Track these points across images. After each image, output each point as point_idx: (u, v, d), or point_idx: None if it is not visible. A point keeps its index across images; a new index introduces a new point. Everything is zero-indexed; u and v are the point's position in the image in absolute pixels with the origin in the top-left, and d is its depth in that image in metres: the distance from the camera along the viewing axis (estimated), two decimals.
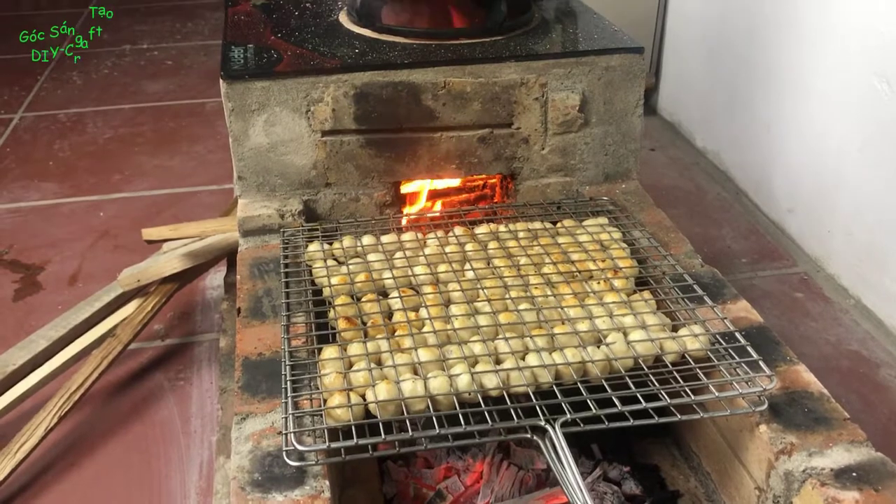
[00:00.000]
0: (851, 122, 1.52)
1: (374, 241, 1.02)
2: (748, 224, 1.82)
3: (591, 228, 1.05)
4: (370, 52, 1.13)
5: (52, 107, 2.46)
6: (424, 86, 1.10)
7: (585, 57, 1.14)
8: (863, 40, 1.47)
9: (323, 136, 1.11)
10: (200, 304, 1.59)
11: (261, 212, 1.10)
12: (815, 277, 1.64)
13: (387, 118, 1.11)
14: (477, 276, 0.94)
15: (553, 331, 0.84)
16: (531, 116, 1.15)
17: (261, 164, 1.12)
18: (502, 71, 1.12)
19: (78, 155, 2.16)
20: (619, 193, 1.19)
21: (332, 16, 1.28)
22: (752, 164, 1.89)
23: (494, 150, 1.17)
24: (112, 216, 1.88)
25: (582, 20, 1.28)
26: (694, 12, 2.10)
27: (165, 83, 2.62)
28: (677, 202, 1.92)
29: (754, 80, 1.84)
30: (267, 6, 1.33)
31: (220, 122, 2.33)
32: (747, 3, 1.83)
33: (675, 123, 2.26)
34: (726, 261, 1.70)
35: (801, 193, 1.71)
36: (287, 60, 1.10)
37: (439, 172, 1.17)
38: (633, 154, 1.22)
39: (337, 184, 1.15)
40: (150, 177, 2.05)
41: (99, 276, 1.66)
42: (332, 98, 1.09)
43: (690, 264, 1.03)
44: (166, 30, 3.13)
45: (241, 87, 1.07)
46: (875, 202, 1.49)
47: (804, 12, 1.63)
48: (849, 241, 1.57)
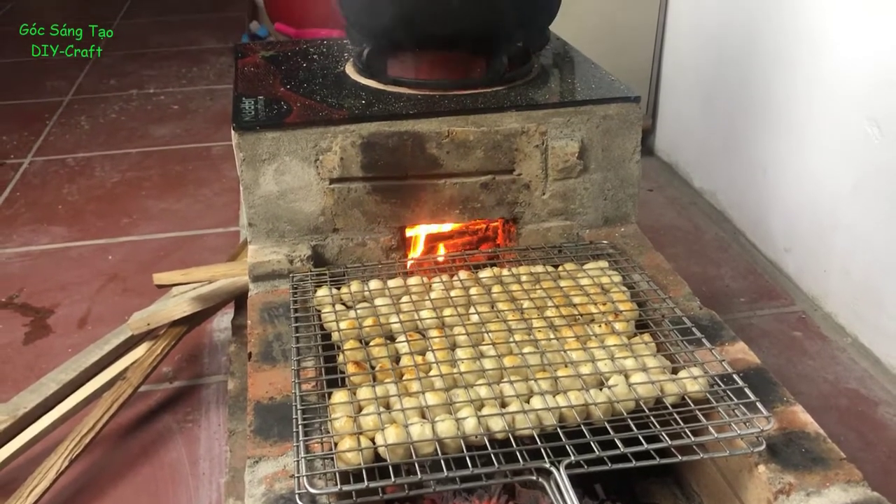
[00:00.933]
0: (845, 164, 1.56)
1: (381, 285, 1.05)
2: (746, 263, 1.85)
3: (592, 272, 1.08)
4: (376, 103, 1.17)
5: (61, 151, 2.50)
6: (429, 135, 1.14)
7: (584, 106, 1.18)
8: (853, 85, 1.52)
9: (331, 184, 1.15)
10: (208, 346, 1.62)
11: (270, 257, 1.13)
12: (813, 316, 1.67)
13: (392, 166, 1.15)
14: (482, 319, 0.97)
15: (556, 374, 0.86)
16: (532, 163, 1.19)
17: (271, 211, 1.15)
18: (504, 120, 1.16)
19: (86, 199, 2.20)
20: (619, 237, 1.23)
21: (339, 67, 1.32)
22: (749, 204, 1.93)
23: (497, 195, 1.20)
24: (120, 259, 1.91)
25: (580, 70, 1.32)
26: (689, 58, 2.16)
27: (172, 127, 2.67)
28: (676, 242, 1.96)
29: (749, 123, 1.88)
30: (275, 58, 1.38)
31: (225, 166, 2.38)
32: (740, 49, 1.88)
33: (673, 164, 2.30)
34: (725, 300, 1.73)
35: (797, 233, 1.75)
36: (296, 111, 1.14)
37: (443, 217, 1.21)
38: (631, 199, 1.25)
39: (344, 229, 1.18)
40: (157, 220, 2.09)
41: (108, 318, 1.68)
42: (340, 147, 1.12)
43: (689, 307, 1.06)
44: (173, 74, 3.19)
45: (252, 137, 1.11)
46: (869, 241, 1.52)
47: (796, 58, 1.68)
48: (845, 279, 1.60)
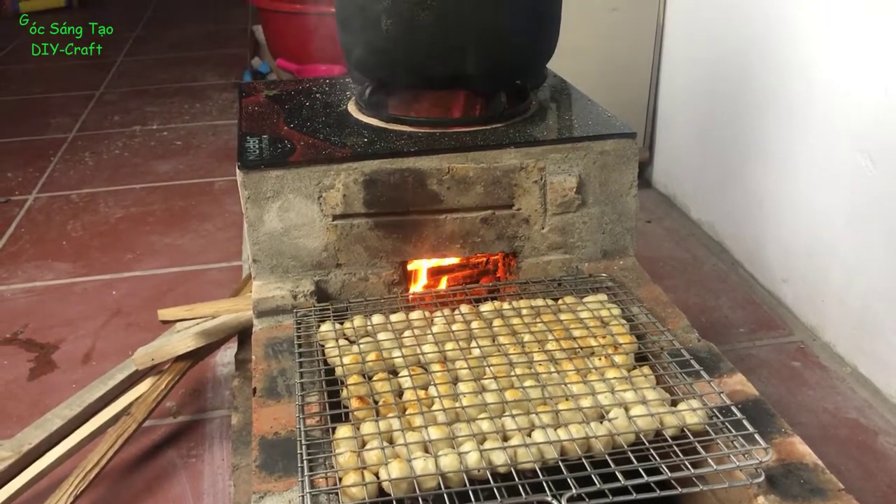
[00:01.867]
0: (839, 195, 1.59)
1: (383, 320, 1.07)
2: (744, 294, 1.87)
3: (592, 305, 1.10)
4: (378, 141, 1.20)
5: (65, 187, 2.53)
6: (430, 172, 1.17)
7: (581, 142, 1.20)
8: (846, 119, 1.55)
9: (334, 220, 1.17)
10: (211, 381, 1.63)
11: (274, 293, 1.15)
12: (812, 346, 1.68)
13: (394, 202, 1.17)
14: (483, 353, 0.98)
15: (558, 407, 0.88)
16: (531, 198, 1.21)
17: (274, 247, 1.17)
18: (503, 156, 1.19)
19: (90, 234, 2.22)
20: (618, 270, 1.24)
21: (342, 105, 1.35)
22: (746, 235, 1.95)
23: (497, 230, 1.22)
24: (124, 295, 1.93)
25: (577, 106, 1.35)
26: (684, 91, 2.19)
27: (175, 163, 2.70)
28: (675, 273, 1.98)
29: (744, 155, 1.91)
30: (279, 96, 1.41)
31: (228, 201, 2.41)
32: (734, 83, 1.92)
33: (671, 196, 2.33)
34: (724, 331, 1.74)
35: (794, 264, 1.76)
36: (300, 150, 1.17)
37: (444, 252, 1.22)
38: (629, 232, 1.27)
39: (347, 264, 1.20)
40: (160, 255, 2.11)
41: (112, 354, 1.69)
42: (343, 185, 1.15)
43: (687, 339, 1.08)
44: (175, 110, 3.23)
45: (256, 176, 1.13)
46: (865, 272, 1.54)
47: (790, 92, 1.71)
48: (842, 309, 1.61)
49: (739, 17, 1.87)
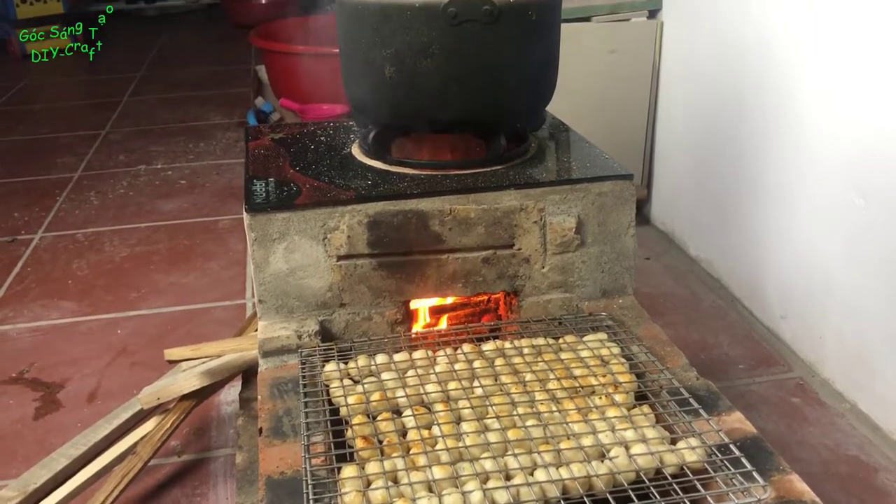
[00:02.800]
0: (835, 233, 1.61)
1: (387, 359, 1.09)
2: (744, 331, 1.89)
3: (592, 344, 1.12)
4: (382, 184, 1.22)
5: (71, 227, 2.56)
6: (432, 213, 1.19)
7: (579, 184, 1.23)
8: (838, 158, 1.58)
9: (338, 261, 1.19)
10: (215, 419, 1.64)
11: (280, 333, 1.17)
12: (811, 382, 1.69)
13: (397, 243, 1.20)
14: (485, 392, 1.00)
15: (559, 446, 0.89)
16: (531, 238, 1.23)
17: (280, 288, 1.20)
18: (503, 198, 1.21)
19: (95, 273, 2.25)
20: (617, 308, 1.26)
21: (346, 149, 1.38)
22: (745, 272, 1.97)
23: (498, 269, 1.24)
24: (129, 333, 1.95)
25: (574, 148, 1.38)
26: (680, 129, 2.23)
27: (180, 202, 2.74)
28: (674, 309, 1.99)
29: (740, 193, 1.94)
30: (284, 140, 1.44)
31: (232, 239, 2.43)
32: (729, 122, 1.95)
33: (669, 233, 2.36)
34: (724, 368, 1.76)
35: (792, 301, 1.78)
36: (305, 193, 1.20)
37: (447, 291, 1.25)
38: (627, 271, 1.29)
39: (351, 304, 1.22)
40: (165, 294, 2.13)
41: (117, 393, 1.71)
42: (348, 226, 1.17)
43: (686, 377, 1.09)
44: (180, 150, 3.28)
45: (263, 218, 1.16)
46: (862, 308, 1.56)
47: (784, 132, 1.74)
48: (840, 346, 1.63)
49: (733, 58, 1.91)
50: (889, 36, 1.42)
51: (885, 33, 1.43)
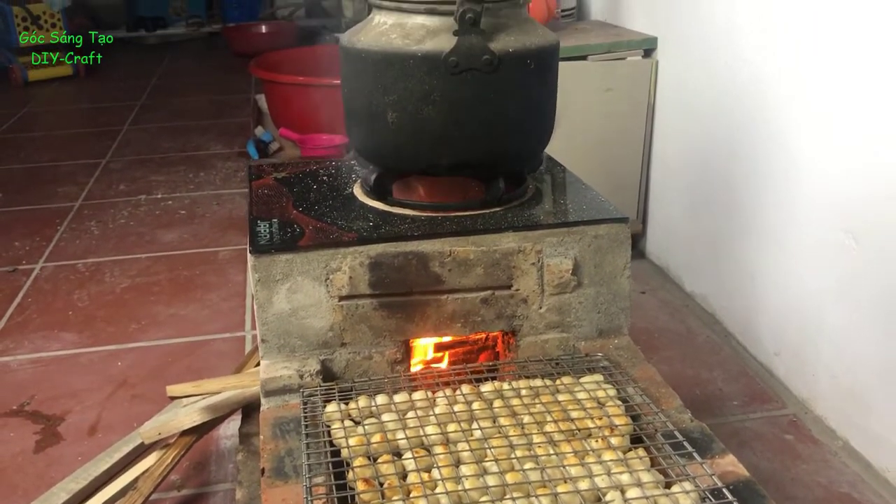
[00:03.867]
0: (827, 272, 1.64)
1: (387, 400, 1.11)
2: (738, 367, 1.91)
3: (589, 385, 1.14)
4: (383, 225, 1.25)
5: (72, 256, 2.58)
6: (432, 254, 1.22)
7: (576, 227, 1.26)
8: (830, 198, 1.61)
9: (340, 301, 1.22)
10: (215, 453, 1.65)
11: (282, 373, 1.19)
12: (804, 419, 1.71)
13: (398, 283, 1.22)
14: (484, 435, 1.02)
15: (556, 490, 0.91)
16: (529, 279, 1.26)
17: (282, 327, 1.22)
18: (502, 240, 1.24)
19: (96, 305, 2.26)
20: (613, 349, 1.29)
21: (347, 188, 1.41)
22: (738, 308, 2.00)
23: (496, 309, 1.27)
24: (129, 366, 1.96)
25: (571, 190, 1.41)
26: (675, 165, 2.27)
27: (180, 232, 2.76)
28: (670, 345, 2.02)
29: (734, 230, 1.97)
30: (287, 179, 1.47)
31: (232, 270, 2.46)
32: (723, 160, 1.99)
33: (664, 267, 2.39)
34: (719, 404, 1.78)
35: (785, 337, 1.81)
36: (308, 234, 1.22)
37: (446, 331, 1.27)
38: (623, 312, 1.32)
39: (352, 343, 1.24)
40: (165, 326, 2.15)
41: (118, 426, 1.72)
42: (350, 267, 1.20)
43: (681, 419, 1.11)
44: (180, 179, 3.31)
45: (267, 259, 1.18)
46: (854, 346, 1.58)
47: (776, 171, 1.78)
48: (833, 383, 1.66)
49: (727, 97, 1.95)
50: (878, 79, 1.46)
51: (873, 75, 1.47)
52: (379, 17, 1.25)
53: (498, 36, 1.20)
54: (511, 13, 1.24)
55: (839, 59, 1.56)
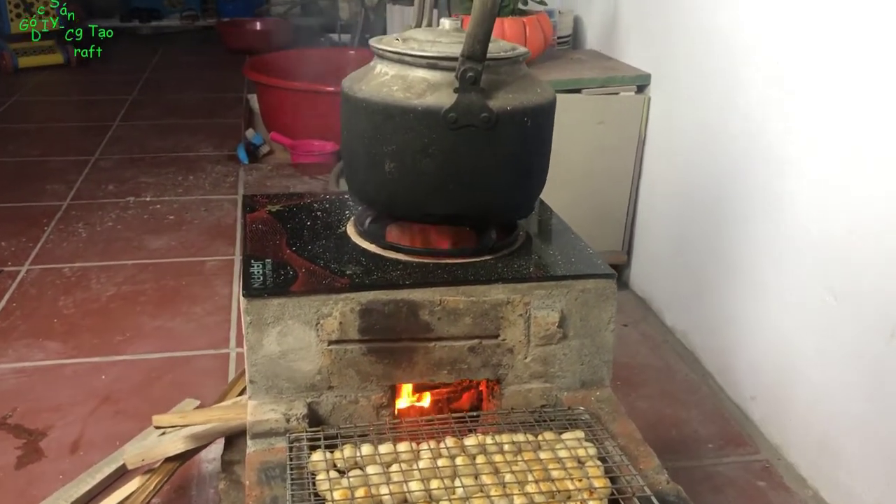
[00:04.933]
0: (806, 325, 1.68)
1: (372, 450, 1.13)
2: (714, 407, 1.95)
3: (570, 443, 1.16)
4: (375, 271, 1.27)
5: (58, 260, 2.58)
6: (423, 303, 1.24)
7: (564, 281, 1.29)
8: (811, 254, 1.65)
9: (329, 345, 1.24)
10: (196, 477, 1.67)
11: (269, 416, 1.21)
12: (776, 465, 1.75)
13: (387, 330, 1.24)
14: (466, 493, 1.04)
15: None
16: (516, 330, 1.28)
17: (271, 369, 1.24)
18: (491, 291, 1.26)
19: (82, 313, 2.27)
20: (594, 401, 1.31)
21: (341, 227, 1.43)
22: (717, 348, 2.03)
23: (482, 358, 1.29)
24: (113, 379, 1.97)
25: (561, 240, 1.43)
26: (662, 200, 2.30)
27: (167, 239, 2.77)
28: (650, 381, 2.05)
29: (717, 272, 2.01)
30: (282, 213, 1.48)
31: (218, 283, 2.47)
32: (709, 203, 2.03)
33: (647, 300, 2.42)
34: (694, 446, 1.81)
35: (762, 382, 1.85)
36: (301, 278, 1.24)
37: (432, 377, 1.29)
38: (606, 364, 1.35)
39: (339, 387, 1.26)
40: (150, 338, 2.15)
41: (100, 443, 1.73)
42: (340, 313, 1.22)
43: (657, 480, 1.14)
44: (169, 182, 3.30)
45: (259, 303, 1.20)
46: (828, 400, 1.62)
47: (760, 221, 1.81)
48: (806, 433, 1.69)
49: (716, 141, 1.99)
50: (865, 144, 1.50)
51: (862, 138, 1.51)
52: (381, 66, 1.27)
53: (496, 93, 1.22)
54: (510, 70, 1.27)
55: (831, 116, 1.59)
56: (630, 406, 1.94)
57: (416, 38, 1.26)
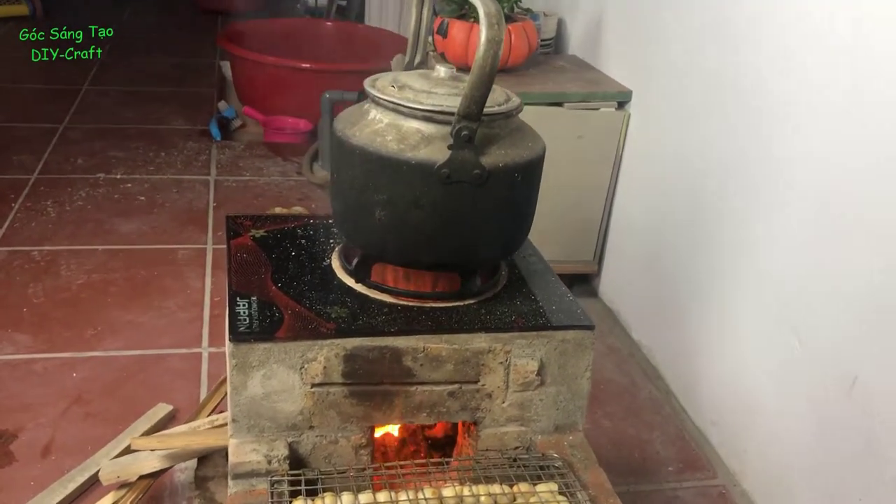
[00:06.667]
0: (769, 361, 1.74)
1: (352, 500, 1.16)
2: (676, 429, 2.01)
3: (544, 495, 1.21)
4: (361, 315, 1.29)
5: (27, 242, 2.54)
6: (406, 350, 1.26)
7: (545, 331, 1.32)
8: (777, 293, 1.70)
9: (312, 388, 1.26)
10: (168, 487, 1.68)
11: (251, 457, 1.23)
12: (732, 492, 1.83)
13: (370, 374, 1.26)
14: None
15: None
16: (496, 377, 1.32)
17: (254, 409, 1.25)
18: (474, 339, 1.29)
19: (52, 302, 2.25)
20: (567, 447, 1.36)
21: (326, 259, 1.44)
22: (682, 369, 2.10)
23: (461, 402, 1.33)
24: (84, 378, 1.97)
25: (541, 285, 1.45)
26: (634, 216, 2.34)
27: (138, 223, 2.74)
28: (614, 398, 2.11)
29: (685, 295, 2.06)
30: (266, 240, 1.49)
31: (190, 275, 2.46)
32: (681, 223, 2.07)
33: (615, 312, 2.47)
34: (655, 468, 1.88)
35: (723, 409, 1.91)
36: (287, 322, 1.25)
37: (412, 419, 1.32)
38: (580, 410, 1.39)
39: (319, 427, 1.29)
40: (121, 334, 2.15)
41: (72, 447, 1.74)
42: (325, 358, 1.24)
43: None
44: (140, 158, 3.26)
45: (245, 347, 1.21)
46: (785, 436, 1.69)
47: (729, 251, 1.86)
48: (762, 464, 1.77)
49: (693, 166, 2.02)
50: (838, 180, 1.54)
51: (837, 176, 1.55)
52: (375, 112, 1.27)
53: (489, 149, 1.23)
54: (503, 123, 1.28)
55: (811, 149, 1.62)
56: (595, 424, 2.00)
57: (412, 87, 1.26)
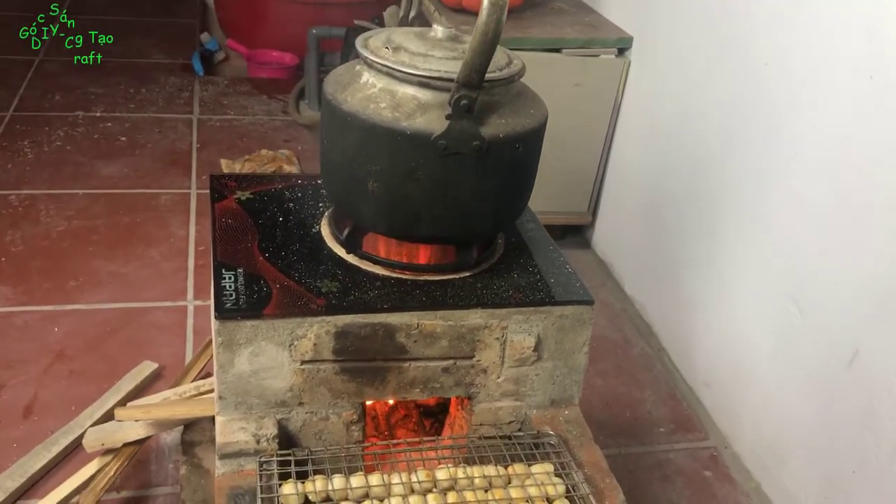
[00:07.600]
0: (767, 328, 1.71)
1: (343, 483, 1.13)
2: (667, 388, 2.00)
3: (540, 477, 1.18)
4: (352, 289, 1.23)
5: (4, 185, 2.46)
6: (399, 326, 1.22)
7: (543, 306, 1.27)
8: (778, 262, 1.66)
9: (302, 365, 1.21)
10: (155, 450, 1.66)
11: (238, 437, 1.19)
12: (723, 454, 1.82)
13: (362, 351, 1.22)
14: None
15: None
16: (491, 352, 1.28)
17: (241, 387, 1.21)
18: (469, 315, 1.24)
19: (31, 251, 2.18)
20: (563, 422, 1.33)
21: (315, 225, 1.37)
22: (675, 327, 2.07)
23: (456, 377, 1.29)
24: (67, 332, 1.92)
25: (541, 256, 1.39)
26: (631, 169, 2.28)
27: (120, 165, 2.65)
28: (606, 355, 2.09)
29: (683, 254, 2.02)
30: (252, 203, 1.42)
31: (174, 222, 2.39)
32: (680, 177, 2.01)
33: (608, 264, 2.43)
34: (647, 429, 1.87)
35: (716, 371, 1.89)
36: (276, 297, 1.20)
37: (405, 395, 1.29)
38: (576, 384, 1.36)
39: (309, 403, 1.25)
40: (104, 286, 2.09)
41: (55, 406, 1.70)
42: (315, 335, 1.19)
43: None
44: (120, 94, 3.14)
45: (232, 325, 1.16)
46: (780, 404, 1.67)
47: (732, 214, 1.81)
48: (754, 429, 1.76)
49: (694, 116, 1.95)
50: (847, 144, 1.49)
51: (835, 143, 1.49)
52: (368, 75, 1.19)
53: (489, 118, 1.16)
54: (504, 90, 1.21)
55: (817, 111, 1.56)
56: (586, 382, 1.96)
57: (408, 49, 1.18)
